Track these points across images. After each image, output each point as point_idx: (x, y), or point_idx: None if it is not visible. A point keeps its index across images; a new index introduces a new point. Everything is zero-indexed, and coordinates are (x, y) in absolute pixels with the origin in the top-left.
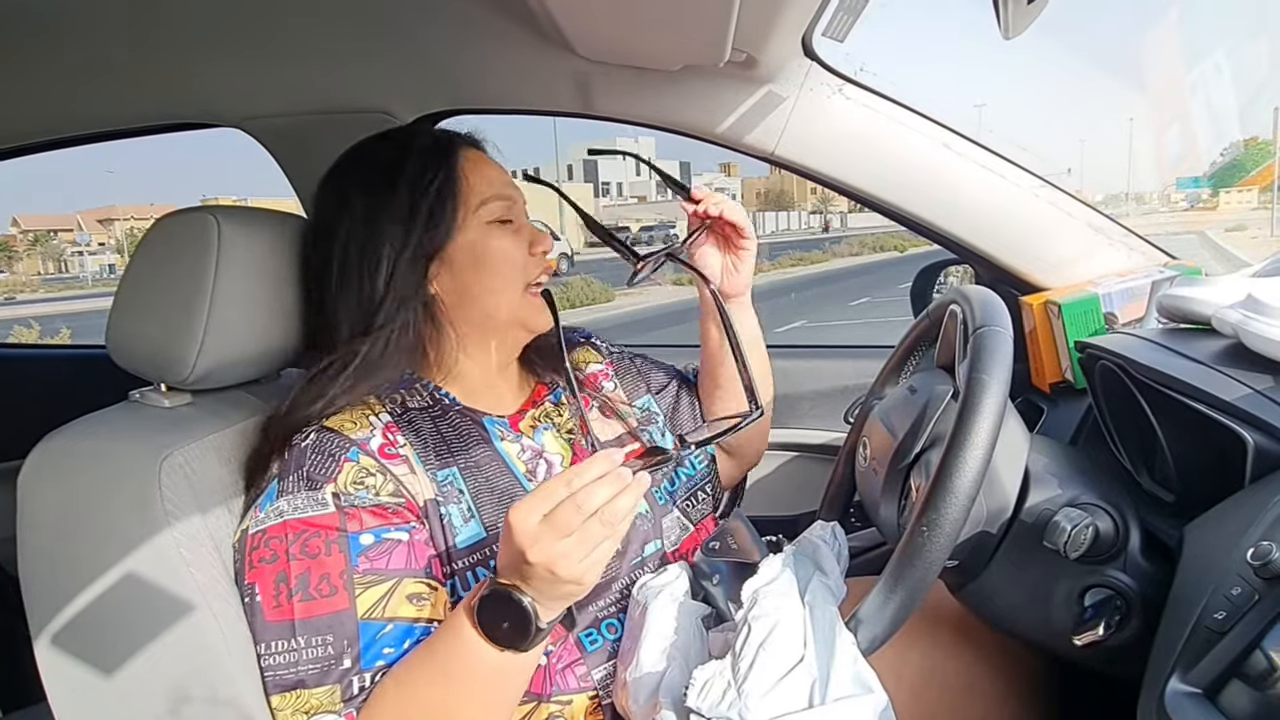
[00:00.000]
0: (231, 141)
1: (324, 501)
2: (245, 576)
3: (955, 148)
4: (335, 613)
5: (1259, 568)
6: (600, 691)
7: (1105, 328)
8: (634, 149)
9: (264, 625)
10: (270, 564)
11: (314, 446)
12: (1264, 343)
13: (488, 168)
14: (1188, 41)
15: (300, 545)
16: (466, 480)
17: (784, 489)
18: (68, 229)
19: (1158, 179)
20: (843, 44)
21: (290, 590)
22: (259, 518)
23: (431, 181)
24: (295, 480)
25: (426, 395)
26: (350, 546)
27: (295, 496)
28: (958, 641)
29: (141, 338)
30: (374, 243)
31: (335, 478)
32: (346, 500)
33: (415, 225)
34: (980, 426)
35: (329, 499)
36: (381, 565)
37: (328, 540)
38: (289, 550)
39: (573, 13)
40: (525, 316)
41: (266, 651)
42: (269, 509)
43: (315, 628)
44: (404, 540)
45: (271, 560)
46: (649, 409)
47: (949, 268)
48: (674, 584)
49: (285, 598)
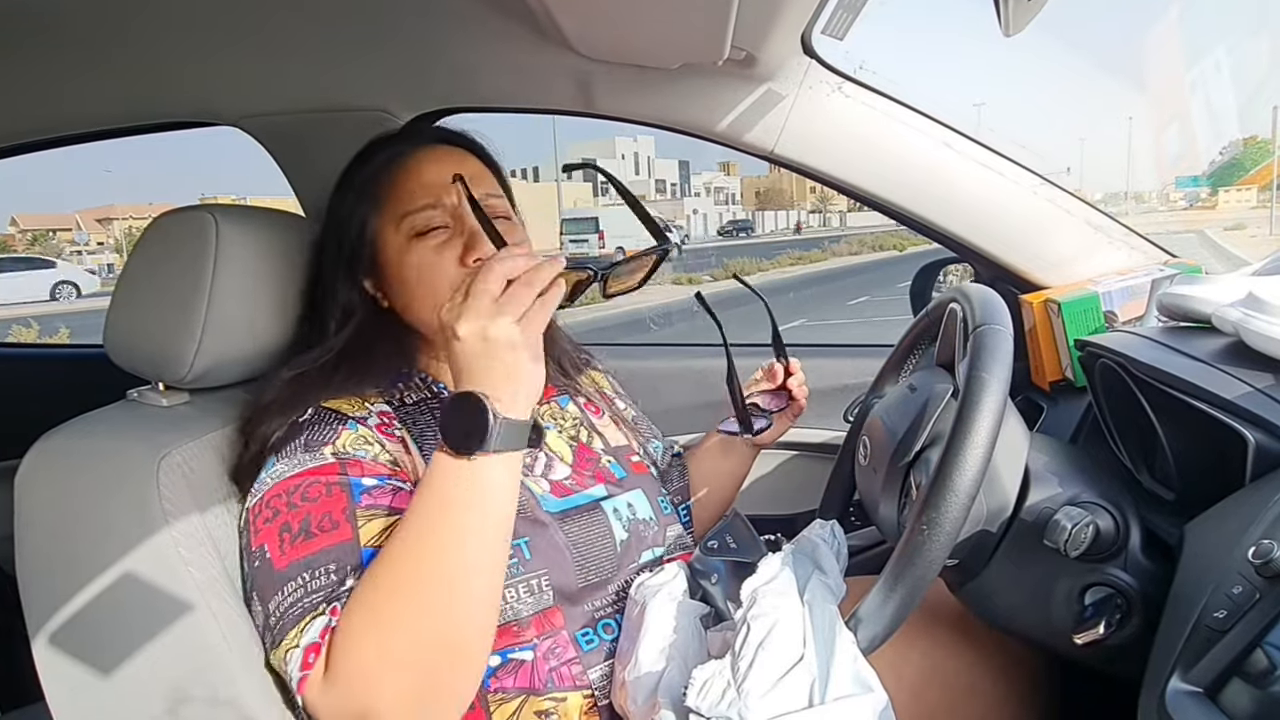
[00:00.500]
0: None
1: (323, 457)
2: (252, 544)
3: (955, 146)
4: (339, 544)
5: (1260, 566)
6: (596, 692)
7: (1105, 326)
8: (633, 147)
9: (274, 575)
10: (272, 521)
11: (311, 421)
12: (1264, 341)
13: (433, 169)
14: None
15: (300, 494)
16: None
17: (783, 488)
18: (66, 228)
19: (1157, 178)
20: (842, 42)
21: (293, 535)
22: (256, 489)
23: (354, 202)
24: (293, 447)
25: (425, 389)
26: (352, 488)
27: (292, 458)
28: (958, 641)
29: (139, 337)
30: (322, 264)
31: (334, 441)
32: (346, 455)
33: (345, 239)
34: (980, 425)
35: (328, 455)
36: (384, 503)
37: (328, 483)
38: (289, 501)
39: (571, 11)
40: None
41: (280, 598)
42: (267, 475)
43: (318, 560)
44: (404, 489)
45: (273, 518)
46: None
47: (948, 266)
48: (672, 583)
49: (288, 544)
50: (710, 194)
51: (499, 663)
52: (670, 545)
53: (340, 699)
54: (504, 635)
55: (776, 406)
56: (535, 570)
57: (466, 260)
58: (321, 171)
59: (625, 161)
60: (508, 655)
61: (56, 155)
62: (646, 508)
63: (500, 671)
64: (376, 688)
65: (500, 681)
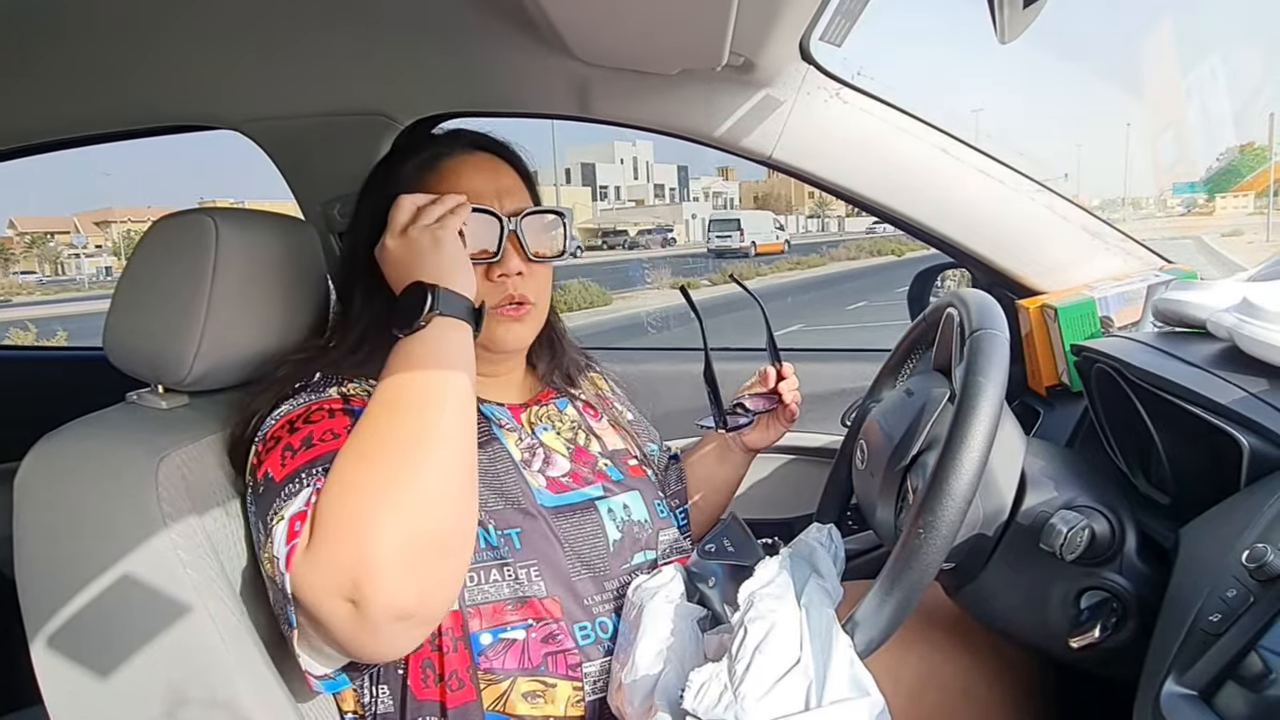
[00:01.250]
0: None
1: (328, 395)
2: (256, 474)
3: (952, 151)
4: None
5: (1254, 570)
6: (587, 686)
7: (1101, 331)
8: (632, 152)
9: (275, 486)
10: (273, 448)
11: (316, 384)
12: (1259, 346)
13: (468, 179)
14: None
15: (303, 419)
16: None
17: (780, 492)
18: (64, 231)
19: (1154, 184)
20: (840, 48)
21: (295, 450)
22: (261, 431)
23: (386, 193)
24: (296, 395)
25: None
26: (355, 415)
27: (296, 399)
28: (954, 645)
29: (139, 339)
30: (349, 263)
31: (339, 386)
32: (351, 395)
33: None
34: (977, 429)
35: (333, 393)
36: None
37: (331, 411)
38: (292, 427)
39: (571, 16)
40: (484, 339)
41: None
42: (270, 418)
43: (321, 462)
44: None
45: (274, 445)
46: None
47: (946, 271)
48: (669, 586)
49: (290, 458)
50: (709, 199)
51: (490, 641)
52: (664, 549)
53: (328, 563)
54: (495, 613)
55: (763, 407)
56: (525, 559)
57: (492, 275)
58: (321, 175)
59: (624, 166)
60: (499, 635)
61: (55, 158)
62: (642, 510)
63: (491, 651)
64: (366, 541)
65: (490, 661)
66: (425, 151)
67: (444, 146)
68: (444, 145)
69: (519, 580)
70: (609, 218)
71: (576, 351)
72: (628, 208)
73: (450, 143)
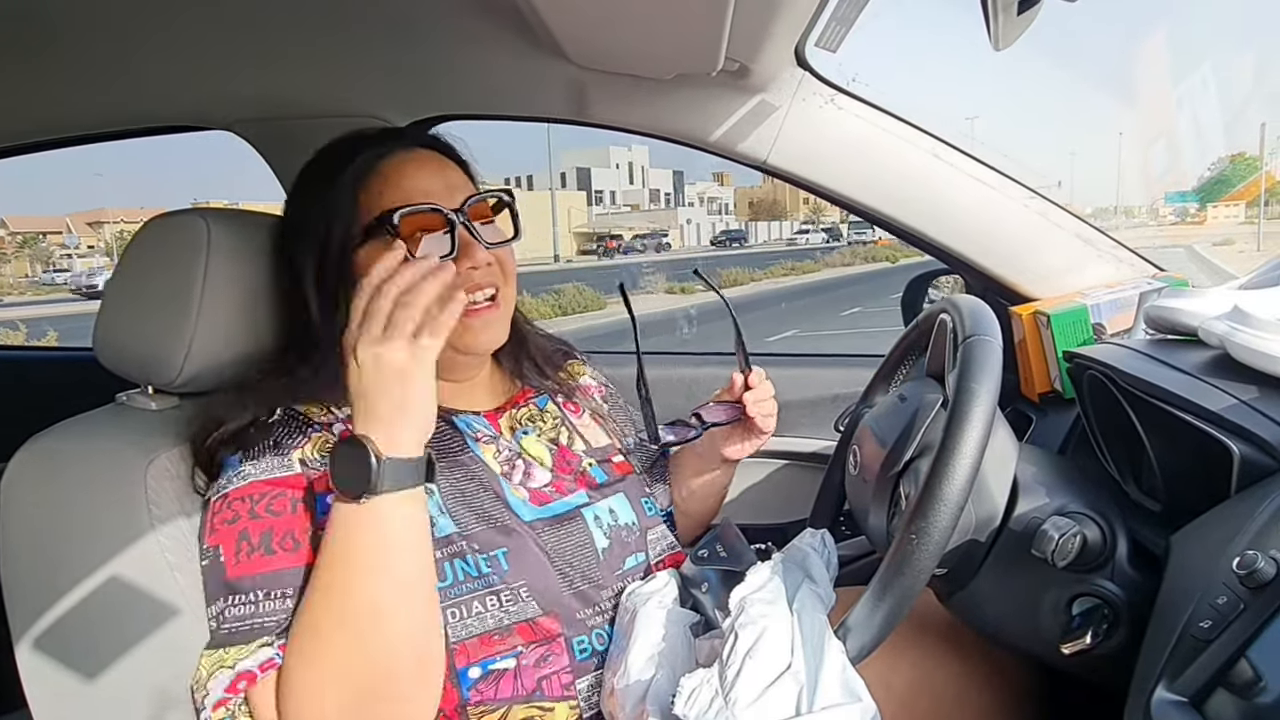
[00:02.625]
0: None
1: (290, 465)
2: (206, 540)
3: (946, 158)
4: (300, 565)
5: (1244, 577)
6: (583, 704)
7: (1093, 338)
8: (628, 156)
9: (222, 583)
10: (232, 524)
11: (281, 422)
12: (1250, 354)
13: (412, 177)
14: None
15: (265, 505)
16: (437, 480)
17: (773, 497)
18: (56, 231)
19: (1146, 193)
20: (835, 54)
21: (252, 547)
22: (221, 484)
23: (328, 208)
24: (261, 448)
25: None
26: (317, 506)
27: (260, 461)
28: (946, 651)
29: (129, 340)
30: (297, 270)
31: (303, 446)
32: (314, 466)
33: (326, 255)
34: (969, 435)
35: (295, 463)
36: None
37: (293, 499)
38: (252, 509)
39: (567, 20)
40: (455, 339)
41: (224, 606)
42: (232, 474)
43: (277, 580)
44: None
45: (233, 521)
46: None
47: (939, 278)
48: (663, 591)
49: (245, 554)
50: (704, 204)
51: (479, 674)
52: (655, 549)
53: None
54: (483, 645)
55: (724, 418)
56: (512, 582)
57: (460, 269)
58: None
59: (620, 171)
60: (488, 666)
61: (47, 157)
62: (629, 512)
63: (481, 684)
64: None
65: (482, 694)
66: (364, 152)
67: (382, 146)
68: (382, 145)
69: (509, 603)
70: (604, 222)
71: (543, 338)
72: (623, 212)
73: (389, 142)
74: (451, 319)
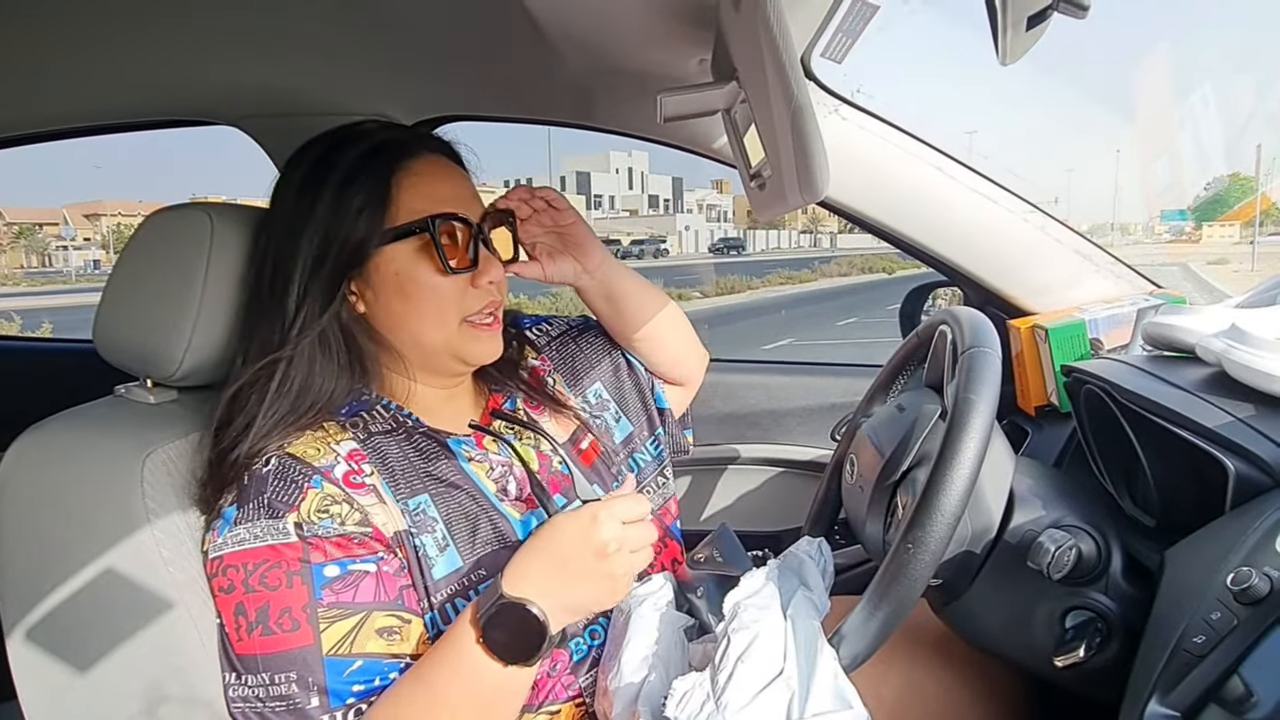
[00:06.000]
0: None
1: (285, 531)
2: (212, 597)
3: (948, 171)
4: (299, 649)
5: (1238, 593)
6: (586, 699)
7: (1091, 353)
8: (628, 162)
9: (229, 657)
10: (228, 594)
11: (276, 473)
12: (1246, 372)
13: (439, 183)
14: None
15: (259, 577)
16: (439, 507)
17: (769, 504)
18: (53, 223)
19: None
20: (840, 65)
21: (250, 623)
22: (216, 543)
23: (353, 197)
24: (255, 507)
25: (389, 417)
26: (314, 579)
27: (255, 524)
28: (939, 661)
29: (130, 332)
30: (289, 256)
31: (298, 505)
32: (309, 530)
33: (333, 244)
34: (967, 446)
35: (290, 528)
36: (348, 599)
37: (289, 572)
38: (247, 581)
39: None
40: (461, 349)
41: (233, 681)
42: (226, 535)
43: (277, 664)
44: (371, 572)
45: (229, 590)
46: (601, 396)
47: (938, 290)
48: (658, 594)
49: (245, 631)
50: (703, 211)
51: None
52: None
53: None
54: None
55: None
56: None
57: (478, 281)
58: None
59: (619, 176)
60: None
61: (44, 149)
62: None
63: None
64: None
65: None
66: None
67: (411, 144)
68: (410, 143)
69: None
70: (602, 227)
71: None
72: (621, 217)
73: (413, 143)
74: (644, 565)
